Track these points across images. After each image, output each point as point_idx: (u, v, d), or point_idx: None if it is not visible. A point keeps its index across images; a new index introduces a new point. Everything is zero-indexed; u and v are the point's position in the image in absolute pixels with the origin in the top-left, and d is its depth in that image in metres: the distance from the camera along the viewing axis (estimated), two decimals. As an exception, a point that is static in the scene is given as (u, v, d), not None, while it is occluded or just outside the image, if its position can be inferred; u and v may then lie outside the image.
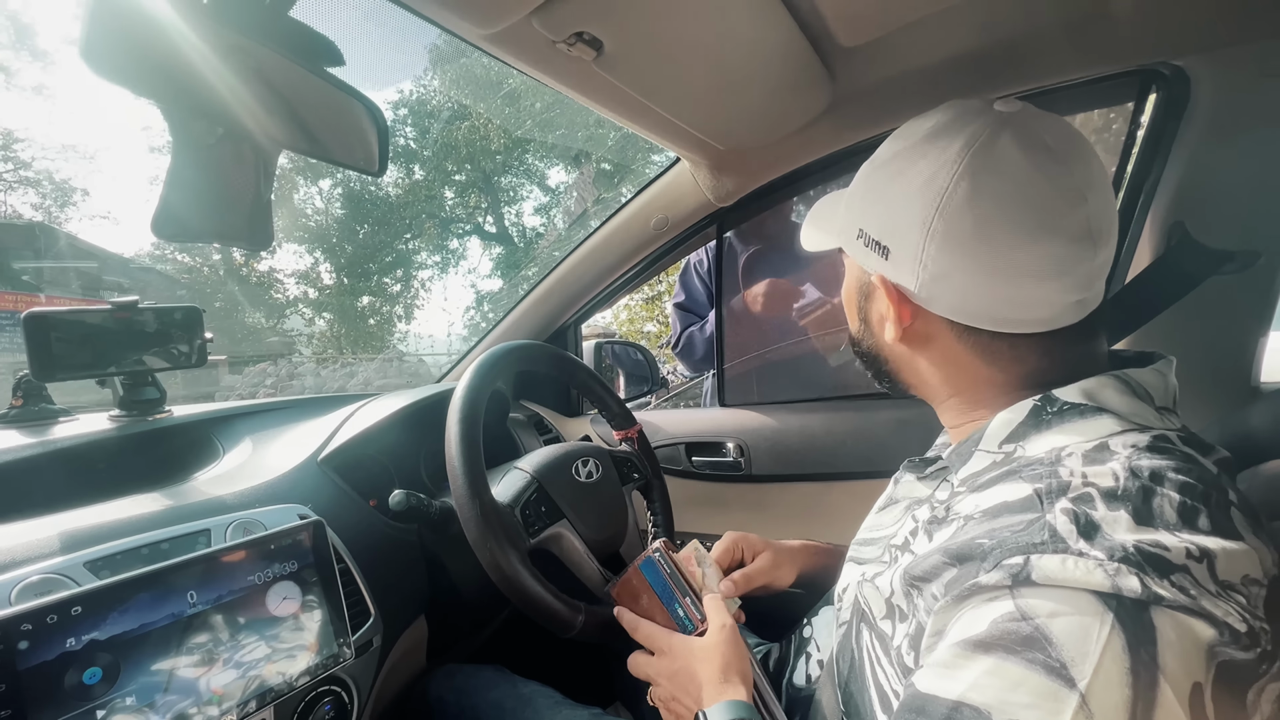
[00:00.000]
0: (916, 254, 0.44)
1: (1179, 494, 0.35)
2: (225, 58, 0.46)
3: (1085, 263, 0.42)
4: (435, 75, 14.46)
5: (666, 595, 0.66)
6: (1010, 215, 0.41)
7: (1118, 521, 0.34)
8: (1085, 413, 0.42)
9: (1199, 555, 0.32)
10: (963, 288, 0.44)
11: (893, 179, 0.47)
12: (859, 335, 0.56)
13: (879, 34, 0.74)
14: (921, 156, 0.45)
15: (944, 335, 0.48)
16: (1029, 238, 0.41)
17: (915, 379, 0.53)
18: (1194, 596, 0.31)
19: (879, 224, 0.47)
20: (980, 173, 0.42)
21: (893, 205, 0.46)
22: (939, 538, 0.44)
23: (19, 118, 17.91)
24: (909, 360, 0.52)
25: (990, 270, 0.42)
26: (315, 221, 16.01)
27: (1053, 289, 0.43)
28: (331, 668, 0.63)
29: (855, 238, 0.50)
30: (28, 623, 0.47)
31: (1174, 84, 0.83)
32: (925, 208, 0.43)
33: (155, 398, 0.87)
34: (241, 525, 0.66)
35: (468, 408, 0.76)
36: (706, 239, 1.32)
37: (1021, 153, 0.41)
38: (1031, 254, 0.41)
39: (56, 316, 0.77)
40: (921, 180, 0.44)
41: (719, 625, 0.59)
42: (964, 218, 0.42)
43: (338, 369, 11.75)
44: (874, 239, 0.47)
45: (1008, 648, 0.33)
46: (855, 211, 0.50)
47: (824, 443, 1.19)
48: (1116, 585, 0.31)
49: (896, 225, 0.46)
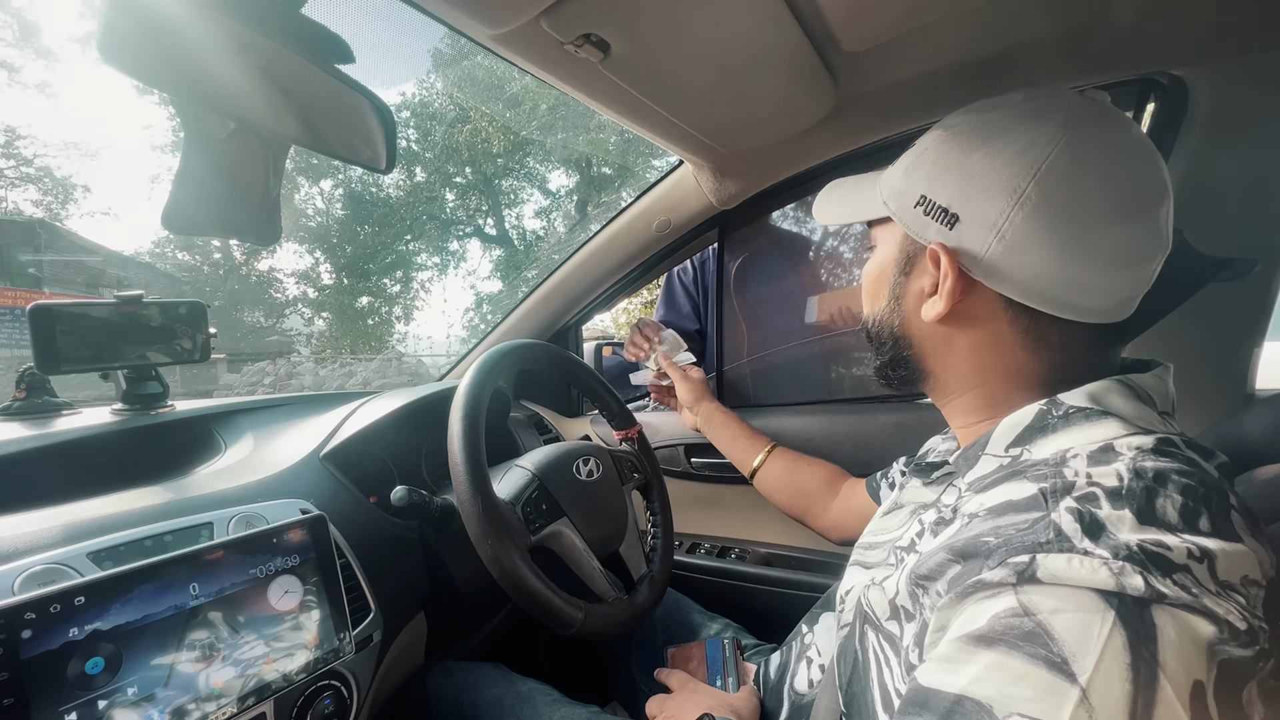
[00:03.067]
0: (996, 222, 0.43)
1: (1181, 496, 0.35)
2: (238, 53, 0.46)
3: (1156, 259, 0.43)
4: (438, 78, 14.51)
5: (715, 669, 0.79)
6: (1108, 194, 0.41)
7: (1122, 521, 0.34)
8: (1091, 416, 0.42)
9: (1200, 555, 0.33)
10: (1037, 263, 0.43)
11: (973, 147, 0.45)
12: (882, 316, 0.53)
13: (882, 40, 0.75)
14: (1012, 127, 0.44)
15: (995, 315, 0.46)
16: (1118, 220, 0.41)
17: (939, 366, 0.51)
18: (1195, 595, 0.32)
19: (950, 191, 0.46)
20: (1084, 149, 0.42)
21: (971, 172, 0.45)
22: (943, 536, 0.44)
23: (22, 114, 17.90)
24: (942, 343, 0.50)
25: (1072, 247, 0.42)
26: (316, 221, 16.02)
27: (1121, 278, 0.43)
28: (331, 662, 0.63)
29: (914, 205, 0.48)
30: (31, 612, 0.47)
31: (1172, 93, 0.84)
32: (1019, 175, 0.42)
33: (158, 392, 0.87)
34: (243, 519, 0.66)
35: (470, 405, 0.76)
36: (707, 242, 1.33)
37: (1120, 138, 0.42)
38: (1116, 237, 0.42)
39: (61, 309, 0.78)
40: (1015, 150, 0.43)
41: (745, 690, 0.73)
42: (1061, 189, 0.41)
43: (336, 369, 11.73)
44: (940, 206, 0.46)
45: (1010, 642, 0.33)
46: (917, 178, 0.48)
47: (821, 445, 1.20)
48: (1121, 584, 0.32)
49: (974, 192, 0.44)
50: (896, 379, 0.55)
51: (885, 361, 0.54)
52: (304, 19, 0.50)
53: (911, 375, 0.53)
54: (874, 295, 0.54)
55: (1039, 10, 0.71)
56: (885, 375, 0.55)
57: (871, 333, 0.55)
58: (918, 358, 0.52)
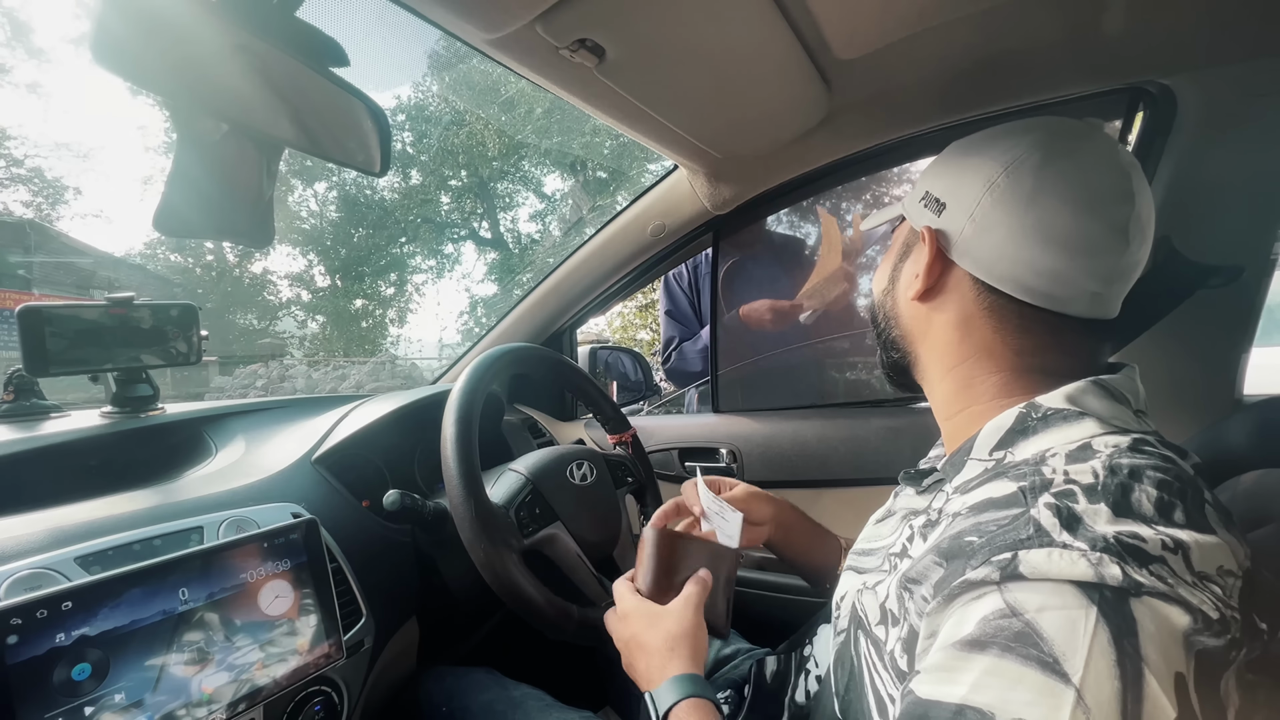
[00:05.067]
0: (970, 207, 0.48)
1: (1156, 490, 0.36)
2: (232, 55, 0.46)
3: (1114, 254, 0.46)
4: (433, 81, 14.50)
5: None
6: (1066, 188, 0.46)
7: (1098, 514, 0.35)
8: (1069, 417, 0.44)
9: (1174, 547, 0.34)
10: (1000, 244, 0.47)
11: (971, 152, 0.51)
12: (881, 299, 0.60)
13: (876, 47, 0.75)
14: (1003, 136, 0.50)
15: (965, 292, 0.51)
16: (1074, 210, 0.45)
17: (922, 348, 0.56)
18: (1171, 585, 0.33)
19: (944, 184, 0.52)
20: (1055, 153, 0.47)
21: (963, 169, 0.51)
22: (931, 538, 0.45)
23: (12, 115, 17.75)
24: (923, 321, 0.54)
25: (1030, 230, 0.46)
26: (310, 224, 15.95)
27: (1078, 268, 0.46)
28: (322, 667, 0.63)
29: (919, 200, 0.54)
30: (17, 617, 0.47)
31: (1161, 101, 0.85)
32: (994, 168, 0.48)
33: (149, 395, 0.87)
34: (234, 523, 0.65)
35: (464, 408, 0.76)
36: (701, 246, 1.33)
37: (1093, 150, 0.47)
38: (1070, 225, 0.45)
39: (51, 311, 0.77)
40: (998, 149, 0.49)
41: (685, 594, 0.59)
42: (1026, 180, 0.46)
43: (329, 371, 11.66)
44: (935, 197, 0.52)
45: (1002, 644, 0.33)
46: (928, 178, 0.55)
47: (816, 449, 1.20)
48: (1100, 574, 0.33)
49: (961, 184, 0.50)
50: (893, 366, 0.59)
51: (881, 344, 0.60)
52: (298, 22, 0.50)
53: (903, 359, 0.58)
54: (879, 280, 0.60)
55: (1030, 20, 0.72)
56: (884, 362, 0.61)
57: (872, 316, 0.62)
58: (905, 339, 0.57)
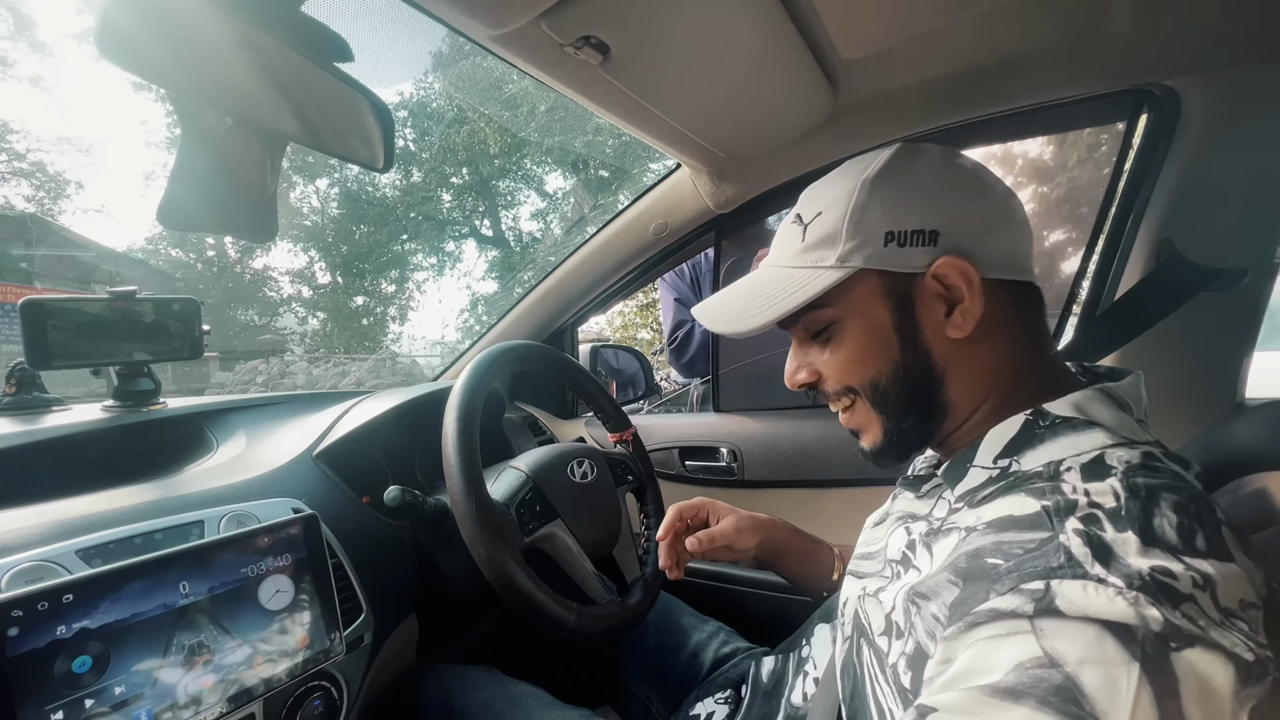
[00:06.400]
0: (974, 217, 0.47)
1: (1175, 514, 0.36)
2: (236, 49, 0.46)
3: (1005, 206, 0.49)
4: (437, 78, 14.49)
5: None
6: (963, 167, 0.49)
7: (1128, 544, 0.34)
8: (1077, 426, 0.43)
9: (1202, 583, 0.33)
10: (1004, 237, 0.48)
11: (908, 173, 0.48)
12: (893, 372, 0.49)
13: (880, 47, 0.75)
14: (919, 155, 0.49)
15: (999, 303, 0.47)
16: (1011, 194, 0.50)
17: (958, 390, 0.49)
18: (1203, 628, 0.32)
19: (916, 213, 0.46)
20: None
21: (925, 188, 0.47)
22: (940, 551, 0.44)
23: (16, 109, 17.76)
24: (965, 358, 0.48)
25: (1014, 214, 0.49)
26: (312, 220, 15.96)
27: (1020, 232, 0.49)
28: (322, 663, 0.63)
29: (882, 247, 0.46)
30: (18, 609, 0.47)
31: (1165, 104, 0.85)
32: (965, 176, 0.48)
33: (150, 389, 0.87)
34: (235, 518, 0.65)
35: (465, 405, 0.76)
36: (703, 246, 1.33)
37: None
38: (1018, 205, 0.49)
39: (54, 304, 0.77)
40: (940, 159, 0.49)
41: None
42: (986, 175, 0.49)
43: (330, 368, 11.66)
44: (912, 230, 0.46)
45: (1040, 697, 0.31)
46: (868, 223, 0.47)
47: (816, 449, 1.20)
48: (1140, 616, 0.31)
49: (939, 202, 0.47)
50: (906, 439, 0.51)
51: (917, 410, 0.50)
52: (304, 17, 0.50)
53: (926, 424, 0.50)
54: (871, 361, 0.49)
55: (1035, 21, 0.71)
56: (896, 436, 0.51)
57: (884, 396, 0.50)
58: (942, 387, 0.49)
